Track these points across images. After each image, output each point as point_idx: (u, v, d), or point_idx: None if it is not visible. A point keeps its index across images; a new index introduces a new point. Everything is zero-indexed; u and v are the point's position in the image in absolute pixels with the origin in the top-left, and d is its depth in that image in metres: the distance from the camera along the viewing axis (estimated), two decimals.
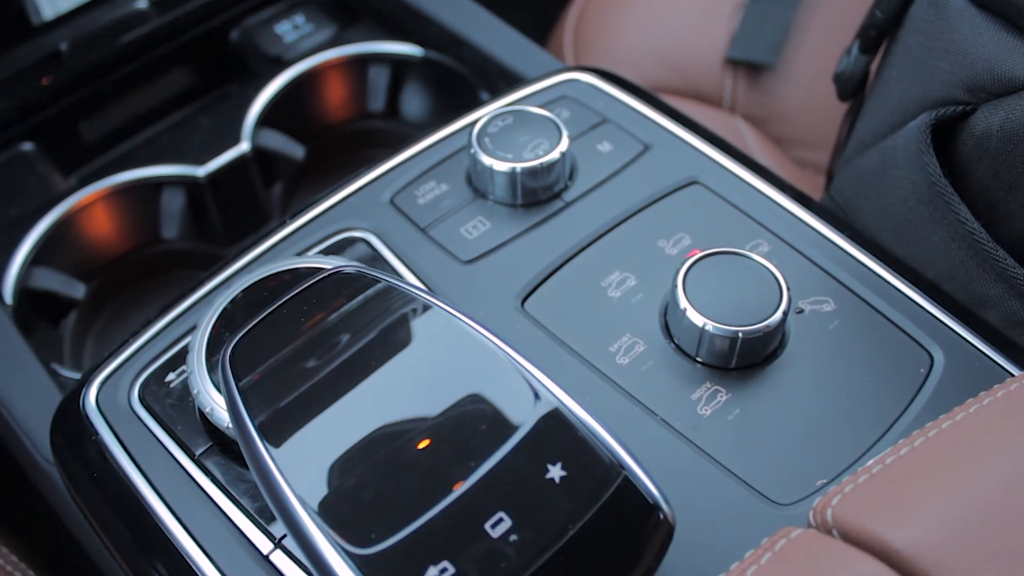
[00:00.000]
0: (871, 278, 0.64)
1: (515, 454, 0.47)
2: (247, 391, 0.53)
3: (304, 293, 0.56)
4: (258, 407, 0.52)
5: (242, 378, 0.54)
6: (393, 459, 0.48)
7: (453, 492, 0.46)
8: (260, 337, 0.55)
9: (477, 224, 0.68)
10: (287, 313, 0.55)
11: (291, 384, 0.53)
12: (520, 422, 0.48)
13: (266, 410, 0.52)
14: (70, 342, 0.91)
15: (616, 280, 0.64)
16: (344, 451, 0.49)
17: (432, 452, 0.48)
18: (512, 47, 0.92)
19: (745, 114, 1.09)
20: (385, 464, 0.48)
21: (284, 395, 0.53)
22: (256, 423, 0.51)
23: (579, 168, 0.71)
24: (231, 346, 0.54)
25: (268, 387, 0.53)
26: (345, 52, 0.98)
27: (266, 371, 0.54)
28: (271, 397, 0.53)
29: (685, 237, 0.66)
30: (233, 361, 0.54)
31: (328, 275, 0.56)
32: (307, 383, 0.53)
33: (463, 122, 0.75)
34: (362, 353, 0.54)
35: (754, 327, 0.58)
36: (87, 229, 0.89)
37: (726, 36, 1.09)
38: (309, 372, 0.54)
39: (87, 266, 0.90)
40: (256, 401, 0.53)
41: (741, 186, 0.69)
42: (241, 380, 0.53)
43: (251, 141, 0.91)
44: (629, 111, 0.75)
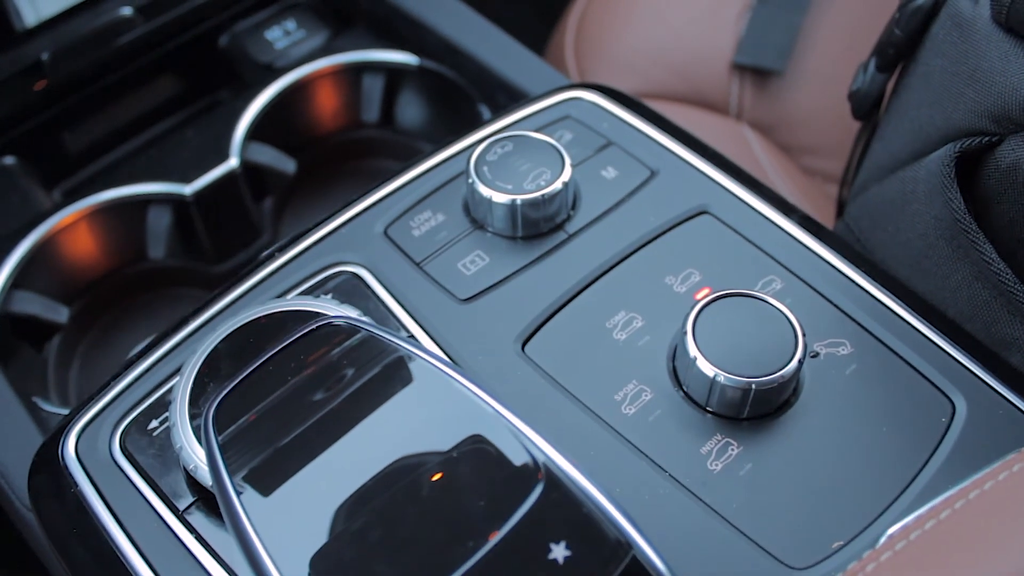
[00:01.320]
0: (889, 318, 0.61)
1: (515, 533, 0.44)
2: (230, 454, 0.50)
3: (290, 347, 0.53)
4: (240, 471, 0.50)
5: (225, 439, 0.51)
6: (383, 537, 0.45)
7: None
8: (244, 395, 0.52)
9: (475, 259, 0.65)
10: (272, 370, 0.52)
11: (275, 447, 0.51)
12: (519, 496, 0.45)
13: (249, 474, 0.49)
14: (55, 366, 0.88)
15: (622, 321, 0.61)
16: (330, 524, 0.46)
17: (423, 528, 0.45)
18: (511, 59, 0.88)
19: (752, 121, 1.05)
20: (373, 542, 0.45)
21: (268, 459, 0.50)
22: (238, 490, 0.48)
23: (582, 196, 0.68)
24: (214, 405, 0.51)
25: (251, 450, 0.51)
26: (338, 60, 0.94)
27: (249, 432, 0.51)
28: (254, 460, 0.50)
29: (694, 273, 0.63)
30: (216, 421, 0.51)
31: (315, 328, 0.52)
32: (293, 446, 0.51)
33: (460, 146, 0.71)
34: (351, 413, 0.51)
35: (768, 378, 0.55)
36: (70, 250, 0.86)
37: (732, 40, 1.06)
38: (295, 434, 0.51)
39: (70, 288, 0.87)
40: (238, 465, 0.50)
41: (753, 216, 0.66)
42: (224, 442, 0.50)
43: (240, 156, 0.87)
44: (635, 133, 0.72)
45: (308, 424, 0.51)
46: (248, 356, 0.57)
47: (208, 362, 0.57)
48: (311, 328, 0.52)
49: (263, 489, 0.49)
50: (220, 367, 0.57)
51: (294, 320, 0.58)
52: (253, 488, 0.49)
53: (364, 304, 0.63)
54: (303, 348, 0.52)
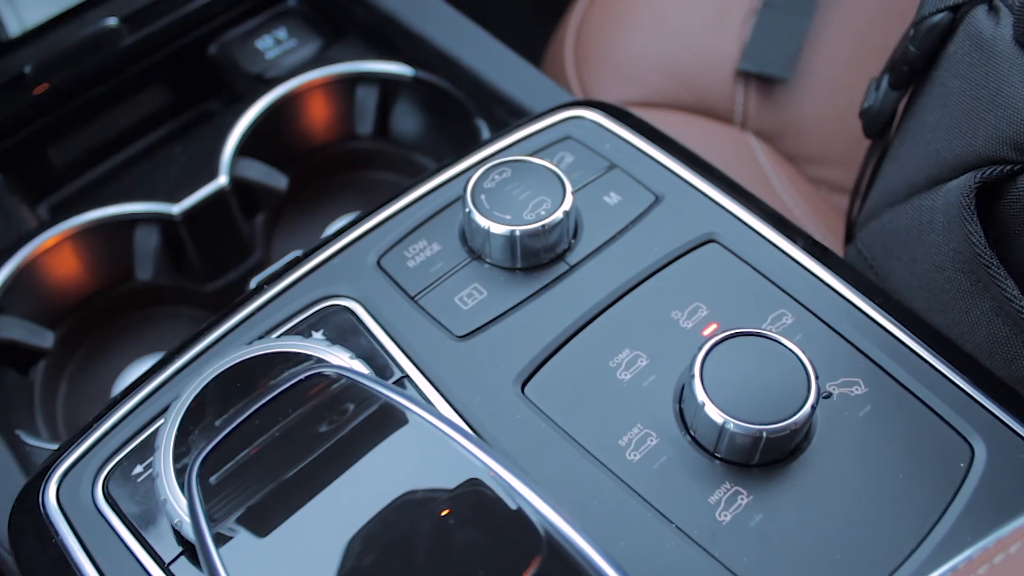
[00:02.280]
0: (904, 355, 0.58)
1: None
2: (213, 509, 0.48)
3: (278, 399, 0.50)
4: (224, 525, 0.47)
5: (209, 494, 0.48)
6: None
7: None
8: (228, 447, 0.50)
9: (472, 292, 0.62)
10: (258, 424, 0.50)
11: (260, 500, 0.48)
12: (514, 561, 0.43)
13: (232, 529, 0.47)
14: (41, 390, 0.85)
15: (626, 359, 0.58)
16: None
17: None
18: (509, 72, 0.85)
19: (757, 130, 1.02)
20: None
21: (252, 513, 0.48)
22: (221, 554, 0.46)
23: (584, 224, 0.65)
24: (197, 463, 0.48)
25: (235, 503, 0.49)
26: (331, 71, 0.91)
27: (234, 485, 0.49)
28: (238, 513, 0.48)
29: (701, 307, 0.60)
30: (200, 478, 0.48)
31: (304, 378, 0.50)
32: (279, 499, 0.48)
33: (455, 170, 0.68)
34: (339, 465, 0.49)
35: (779, 425, 0.52)
36: (54, 272, 0.83)
37: (737, 46, 1.03)
38: (281, 486, 0.49)
39: (55, 311, 0.84)
40: (223, 518, 0.48)
41: (761, 244, 0.63)
42: (207, 498, 0.48)
43: (229, 174, 0.85)
44: (638, 155, 0.69)
45: (295, 476, 0.49)
46: (235, 400, 0.55)
47: (193, 408, 0.55)
48: (302, 378, 0.50)
49: (246, 545, 0.47)
50: (206, 413, 0.55)
51: (283, 362, 0.56)
52: (236, 544, 0.47)
53: (357, 341, 0.60)
54: (290, 396, 0.50)
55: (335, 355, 0.56)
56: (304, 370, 0.50)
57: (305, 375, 0.50)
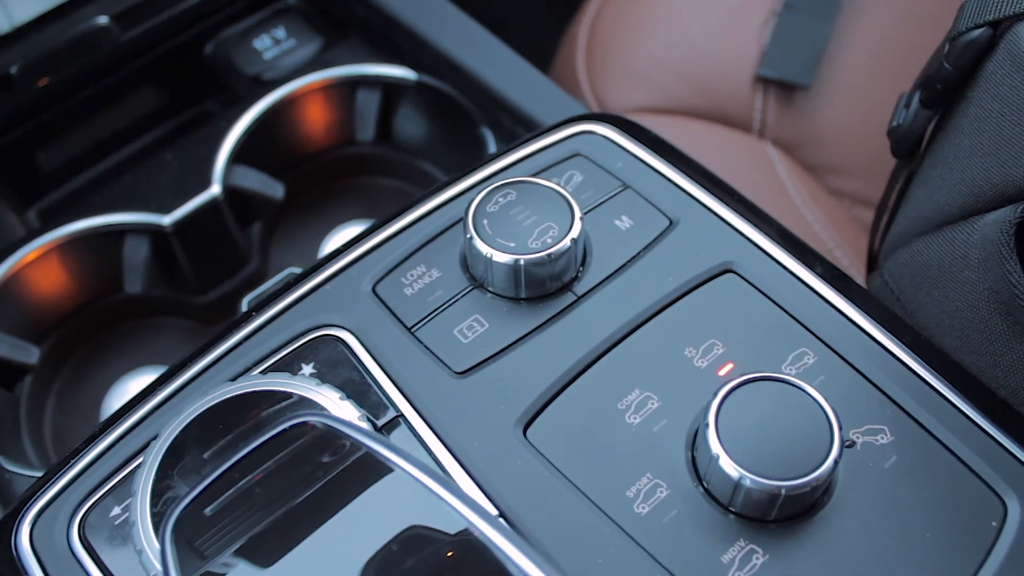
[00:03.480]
0: (934, 400, 0.54)
1: None
2: (187, 566, 0.45)
3: (259, 450, 0.47)
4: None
5: (184, 548, 0.45)
6: None
7: None
8: (208, 498, 0.46)
9: (473, 324, 0.58)
10: (239, 470, 0.46)
11: (238, 553, 0.45)
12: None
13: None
14: (27, 405, 0.82)
15: (636, 401, 0.55)
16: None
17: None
18: (516, 79, 0.81)
19: (776, 139, 0.98)
20: None
21: (230, 566, 0.45)
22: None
23: (593, 250, 0.61)
24: (172, 519, 0.45)
25: (211, 556, 0.45)
26: (331, 74, 0.88)
27: (213, 538, 0.46)
28: (215, 568, 0.45)
29: (717, 344, 0.57)
30: (175, 533, 0.45)
31: (287, 428, 0.46)
32: (258, 554, 0.45)
33: (457, 189, 0.65)
34: (321, 517, 0.46)
35: (799, 481, 0.48)
36: (39, 285, 0.79)
37: (756, 51, 0.98)
38: (261, 540, 0.45)
39: (40, 325, 0.81)
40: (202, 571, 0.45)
41: (782, 276, 0.60)
42: (182, 554, 0.45)
43: (223, 183, 0.81)
44: (652, 175, 0.65)
45: (274, 525, 0.46)
46: (216, 440, 0.51)
47: (173, 448, 0.51)
48: (284, 429, 0.46)
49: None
50: (185, 454, 0.52)
51: (268, 400, 0.52)
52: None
53: (349, 376, 0.57)
54: (273, 453, 0.47)
55: (323, 395, 0.52)
56: (287, 419, 0.46)
57: (288, 425, 0.46)
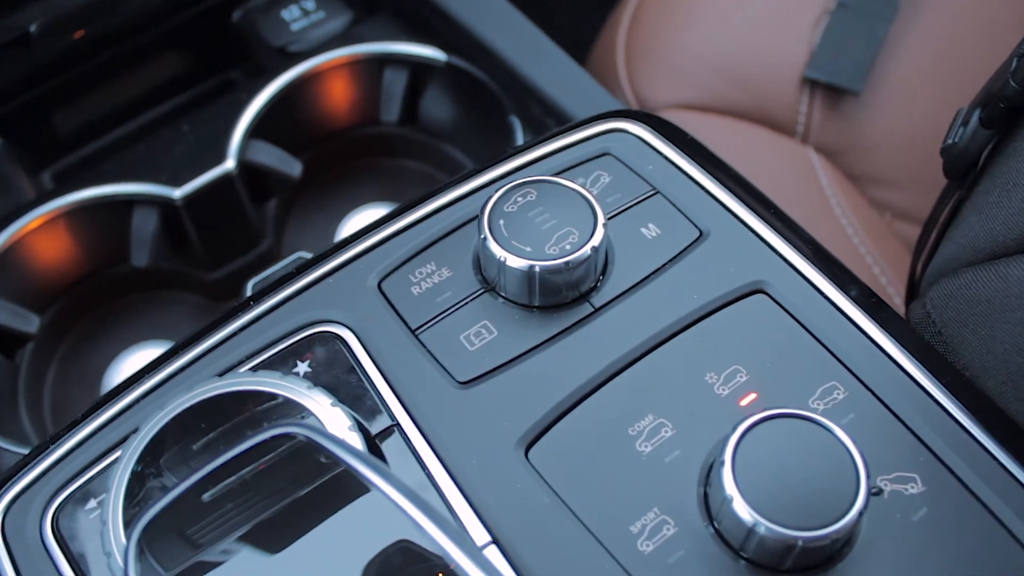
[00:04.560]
0: (972, 450, 0.50)
1: None
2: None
3: (236, 459, 0.44)
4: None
5: (156, 549, 0.43)
6: None
7: None
8: (177, 510, 0.43)
9: (481, 330, 0.55)
10: (212, 483, 0.43)
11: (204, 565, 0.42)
12: None
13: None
14: (27, 374, 0.79)
15: (648, 428, 0.51)
16: None
17: None
18: (549, 68, 0.77)
19: (819, 145, 0.93)
20: None
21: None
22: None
23: (615, 258, 0.57)
24: (137, 529, 0.42)
25: (183, 563, 0.42)
26: (359, 51, 0.84)
27: (177, 547, 0.43)
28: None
29: (741, 372, 0.53)
30: (141, 543, 0.42)
31: (268, 439, 0.43)
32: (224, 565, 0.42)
33: (476, 183, 0.61)
34: (293, 534, 0.43)
35: (819, 533, 0.44)
36: (43, 253, 0.77)
37: (806, 51, 0.93)
38: (228, 552, 0.43)
39: (43, 294, 0.78)
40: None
41: (817, 301, 0.55)
42: (156, 550, 0.42)
43: (237, 158, 0.78)
44: (685, 181, 0.61)
45: (250, 538, 0.43)
46: (197, 440, 0.49)
47: (151, 447, 0.48)
48: (266, 439, 0.43)
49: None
50: (165, 452, 0.49)
51: (255, 401, 0.49)
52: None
53: (346, 377, 0.54)
54: (250, 463, 0.44)
55: (313, 400, 0.49)
56: (269, 428, 0.43)
57: (268, 436, 0.43)
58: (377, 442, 0.51)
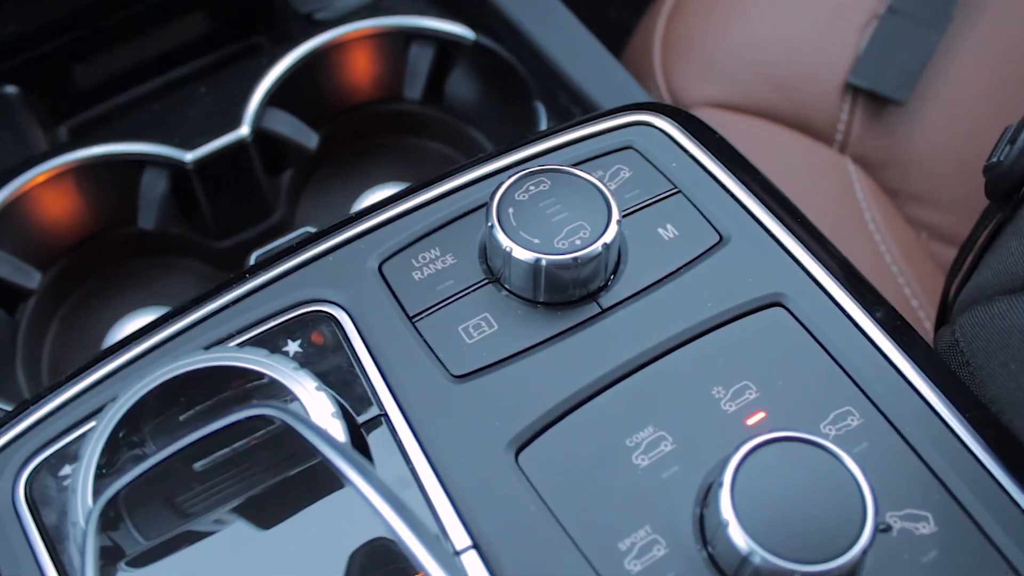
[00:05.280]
0: (992, 492, 0.47)
1: None
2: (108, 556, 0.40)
3: (216, 437, 0.42)
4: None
5: (109, 538, 0.41)
6: None
7: None
8: (143, 488, 0.41)
9: (481, 323, 0.52)
10: (179, 464, 0.41)
11: (164, 549, 0.41)
12: None
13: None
14: (26, 331, 0.78)
15: (647, 440, 0.48)
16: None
17: None
18: (579, 55, 0.74)
19: (858, 155, 0.90)
20: None
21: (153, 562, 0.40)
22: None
23: (628, 257, 0.55)
24: (100, 505, 0.40)
25: (137, 547, 0.41)
26: (386, 23, 0.82)
27: (139, 525, 0.41)
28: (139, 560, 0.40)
29: (751, 388, 0.50)
30: (102, 520, 0.40)
31: (240, 420, 0.41)
32: (184, 552, 0.40)
33: (489, 168, 0.58)
34: (263, 525, 0.41)
35: (818, 568, 0.41)
36: (50, 208, 0.75)
37: (851, 56, 0.90)
38: (188, 537, 0.41)
39: (46, 250, 0.77)
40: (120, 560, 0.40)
41: (837, 319, 0.52)
42: (118, 529, 0.40)
43: (253, 125, 0.75)
44: (709, 182, 0.58)
45: (206, 527, 0.41)
46: (176, 413, 0.47)
47: (128, 417, 0.46)
48: (241, 420, 0.41)
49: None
50: (142, 422, 0.47)
51: (237, 378, 0.47)
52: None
53: (336, 361, 0.51)
54: (221, 444, 0.41)
55: (298, 382, 0.46)
56: (245, 409, 0.41)
57: (243, 417, 0.41)
58: (363, 432, 0.49)
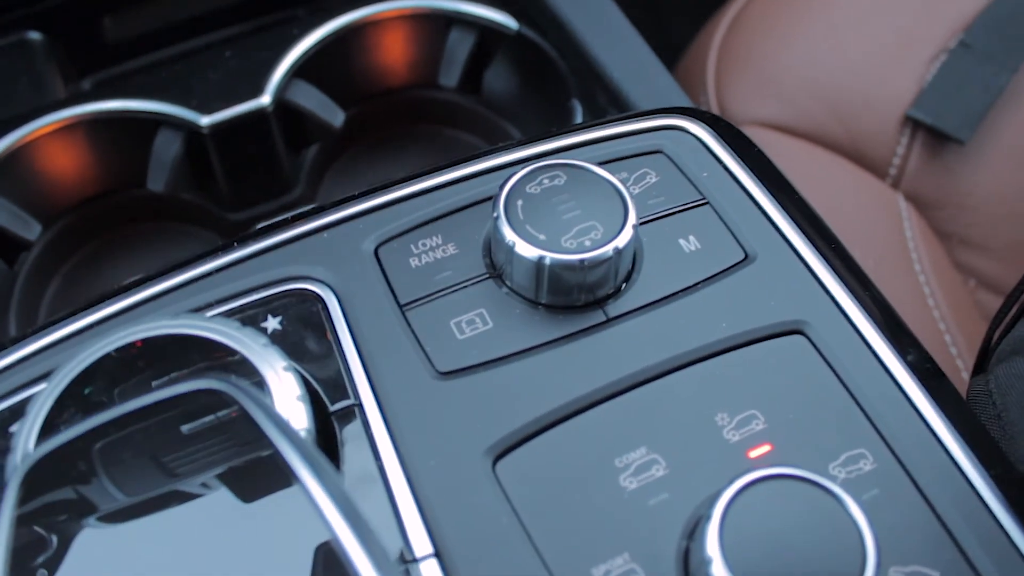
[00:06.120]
0: (1011, 557, 0.42)
1: None
2: (26, 526, 0.37)
3: (162, 412, 0.38)
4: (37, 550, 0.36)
5: (33, 508, 0.37)
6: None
7: None
8: (76, 450, 0.38)
9: (475, 319, 0.48)
10: (129, 435, 0.38)
11: (85, 531, 0.37)
12: None
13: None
14: (24, 284, 0.75)
15: (638, 462, 0.44)
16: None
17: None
18: (623, 55, 0.70)
19: (911, 192, 0.85)
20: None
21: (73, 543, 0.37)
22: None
23: (643, 266, 0.51)
24: (26, 467, 0.37)
25: (59, 526, 0.37)
26: (427, 4, 0.78)
27: (65, 503, 0.38)
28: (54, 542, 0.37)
29: (757, 418, 0.46)
30: (27, 484, 0.37)
31: (185, 393, 0.38)
32: (105, 537, 0.37)
33: (503, 159, 0.55)
34: (198, 524, 0.37)
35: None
36: (56, 160, 0.73)
37: (914, 88, 0.85)
38: (113, 520, 0.37)
39: (50, 202, 0.74)
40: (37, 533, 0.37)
41: (862, 354, 0.48)
42: (29, 511, 0.37)
43: (275, 95, 0.73)
44: (740, 196, 0.54)
45: (135, 511, 0.38)
46: (130, 379, 0.43)
47: (82, 379, 0.43)
48: (179, 393, 0.37)
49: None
50: (95, 386, 0.43)
51: (200, 349, 0.44)
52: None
53: (315, 341, 0.48)
54: (160, 415, 0.38)
55: (266, 360, 0.43)
56: (188, 383, 0.38)
57: (186, 390, 0.37)
58: (333, 421, 0.45)
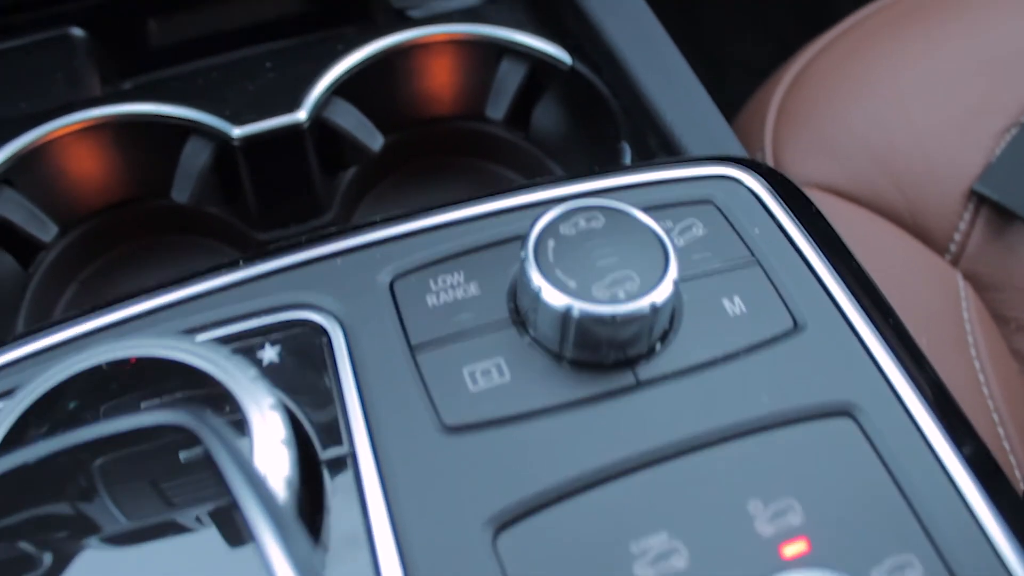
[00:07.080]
0: None
1: None
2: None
3: (125, 444, 0.34)
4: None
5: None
6: None
7: None
8: (33, 479, 0.34)
9: (491, 369, 0.44)
10: (69, 462, 0.34)
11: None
12: None
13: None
14: (38, 288, 0.72)
15: (656, 549, 0.39)
16: None
17: None
18: (679, 99, 0.66)
19: (970, 272, 0.79)
20: None
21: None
22: None
23: (682, 327, 0.46)
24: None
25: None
26: (480, 31, 0.75)
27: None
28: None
29: (795, 509, 0.41)
30: None
31: (147, 428, 0.34)
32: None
33: (540, 195, 0.51)
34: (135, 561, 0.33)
35: None
36: (80, 161, 0.70)
37: (982, 161, 0.80)
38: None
39: (72, 207, 0.71)
40: None
41: (916, 447, 0.43)
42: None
43: (312, 112, 0.69)
44: (794, 258, 0.49)
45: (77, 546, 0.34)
46: (98, 404, 0.40)
47: (49, 397, 0.40)
48: (139, 426, 0.34)
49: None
50: (65, 403, 0.40)
51: (181, 375, 0.40)
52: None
53: (314, 379, 0.44)
54: (120, 447, 0.34)
55: (250, 395, 0.39)
56: (152, 417, 0.34)
57: (149, 423, 0.33)
58: (324, 470, 0.41)
